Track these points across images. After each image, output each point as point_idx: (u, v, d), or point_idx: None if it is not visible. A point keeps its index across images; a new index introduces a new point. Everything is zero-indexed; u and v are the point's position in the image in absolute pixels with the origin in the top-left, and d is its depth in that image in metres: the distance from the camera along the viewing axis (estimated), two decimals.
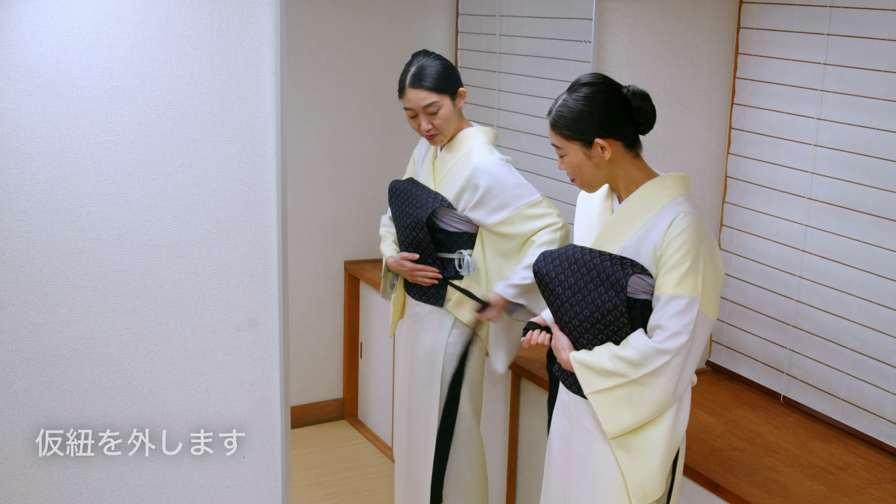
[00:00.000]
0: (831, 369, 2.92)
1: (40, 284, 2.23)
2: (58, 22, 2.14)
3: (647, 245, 2.18)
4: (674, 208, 2.17)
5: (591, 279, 2.19)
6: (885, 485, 2.60)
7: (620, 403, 2.18)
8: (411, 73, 2.79)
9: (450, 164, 2.86)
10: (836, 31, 2.84)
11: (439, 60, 2.81)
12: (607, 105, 2.18)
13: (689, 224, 2.14)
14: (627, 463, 2.21)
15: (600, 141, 2.18)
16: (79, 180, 2.22)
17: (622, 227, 2.24)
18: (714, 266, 2.17)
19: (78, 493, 2.34)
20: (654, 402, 2.15)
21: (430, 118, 2.80)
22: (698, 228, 2.15)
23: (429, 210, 2.82)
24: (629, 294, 2.16)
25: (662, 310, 2.13)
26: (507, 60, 3.69)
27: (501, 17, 3.72)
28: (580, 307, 2.22)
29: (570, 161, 2.24)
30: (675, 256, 2.13)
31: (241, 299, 2.43)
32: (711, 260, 2.16)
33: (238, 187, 2.38)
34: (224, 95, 2.32)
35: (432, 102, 2.77)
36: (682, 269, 2.12)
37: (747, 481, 2.58)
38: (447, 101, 2.79)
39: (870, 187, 2.76)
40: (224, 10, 2.28)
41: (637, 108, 2.19)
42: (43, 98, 2.16)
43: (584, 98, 2.19)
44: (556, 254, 2.29)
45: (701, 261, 2.13)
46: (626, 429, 2.18)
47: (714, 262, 2.17)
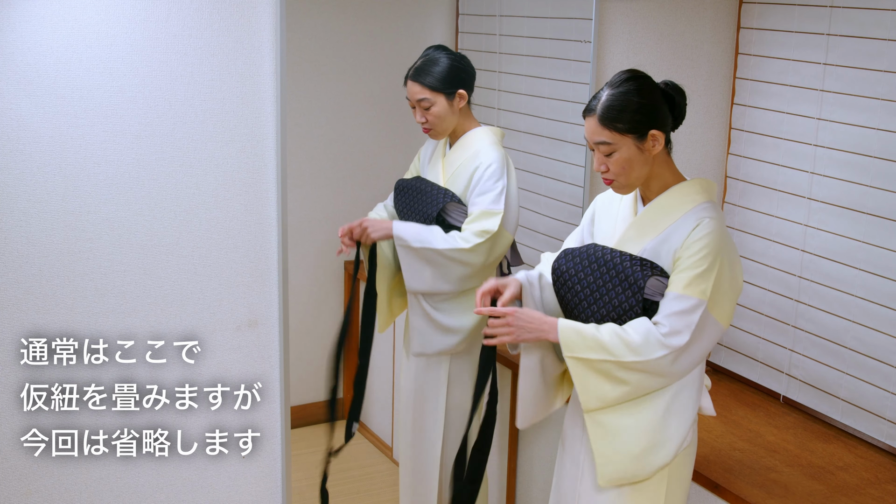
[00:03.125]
0: (831, 369, 2.92)
1: (40, 284, 2.23)
2: (58, 22, 2.14)
3: (668, 248, 2.17)
4: (698, 213, 2.17)
5: (611, 278, 2.19)
6: (885, 485, 2.60)
7: (599, 377, 2.16)
8: (414, 66, 2.82)
9: (457, 162, 2.88)
10: (836, 31, 2.84)
11: (448, 59, 2.81)
12: (655, 97, 2.18)
13: (713, 230, 2.14)
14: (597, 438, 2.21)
15: (655, 132, 2.16)
16: (79, 180, 2.22)
17: (646, 228, 2.23)
18: (732, 275, 2.17)
19: (78, 492, 2.34)
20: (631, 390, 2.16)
21: (423, 112, 2.83)
22: (720, 236, 2.14)
23: (439, 205, 2.82)
24: (646, 295, 2.15)
25: (667, 307, 2.13)
26: (507, 60, 3.68)
27: (501, 17, 3.71)
28: (597, 306, 2.21)
29: (620, 157, 2.17)
30: (693, 259, 2.12)
31: (241, 299, 2.43)
32: (730, 269, 2.16)
33: (238, 187, 2.38)
34: (224, 95, 2.32)
35: (424, 98, 2.80)
36: (695, 271, 2.12)
37: (747, 481, 2.58)
38: (441, 100, 2.80)
39: (870, 187, 2.76)
40: (224, 10, 2.28)
41: (679, 105, 2.21)
42: (43, 98, 2.16)
43: (635, 91, 2.16)
44: (577, 252, 2.28)
45: (717, 267, 2.12)
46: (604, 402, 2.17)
47: (733, 271, 2.17)
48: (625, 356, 2.13)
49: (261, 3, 2.31)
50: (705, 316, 2.13)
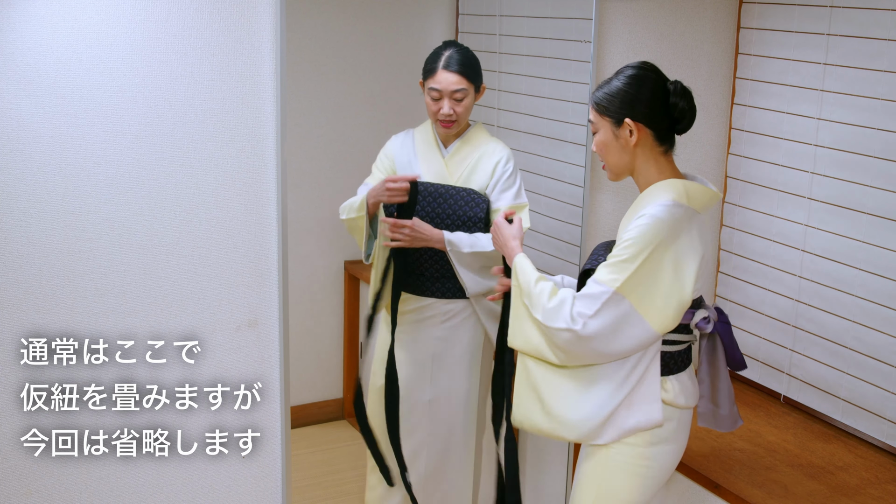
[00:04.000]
0: (831, 369, 2.92)
1: (40, 284, 2.23)
2: (58, 22, 2.14)
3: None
4: (647, 209, 2.17)
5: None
6: (885, 485, 2.60)
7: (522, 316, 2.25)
8: (447, 56, 2.84)
9: (471, 156, 2.91)
10: (836, 31, 2.84)
11: (472, 52, 2.88)
12: (646, 90, 2.20)
13: (648, 224, 2.12)
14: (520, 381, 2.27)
15: (630, 122, 2.19)
16: (79, 180, 2.22)
17: (623, 224, 2.27)
18: (676, 278, 2.14)
19: (78, 492, 2.34)
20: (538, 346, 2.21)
21: (454, 104, 2.84)
22: (657, 231, 2.12)
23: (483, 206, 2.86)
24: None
25: (584, 287, 2.17)
26: (507, 60, 3.68)
27: (501, 17, 3.71)
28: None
29: (598, 139, 2.26)
30: (617, 248, 2.15)
31: (241, 299, 2.43)
32: (674, 270, 2.14)
33: (238, 187, 2.38)
34: (224, 95, 2.32)
35: (461, 89, 2.82)
36: (614, 259, 2.14)
37: (747, 481, 2.58)
38: (471, 92, 2.86)
39: (870, 187, 2.76)
40: (224, 10, 2.28)
41: (673, 104, 2.19)
42: (43, 98, 2.16)
43: (626, 78, 2.22)
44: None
45: (641, 261, 2.11)
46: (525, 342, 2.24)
47: (678, 274, 2.14)
48: (535, 310, 2.19)
49: (261, 3, 2.31)
50: (625, 310, 2.12)
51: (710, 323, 2.31)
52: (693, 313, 2.28)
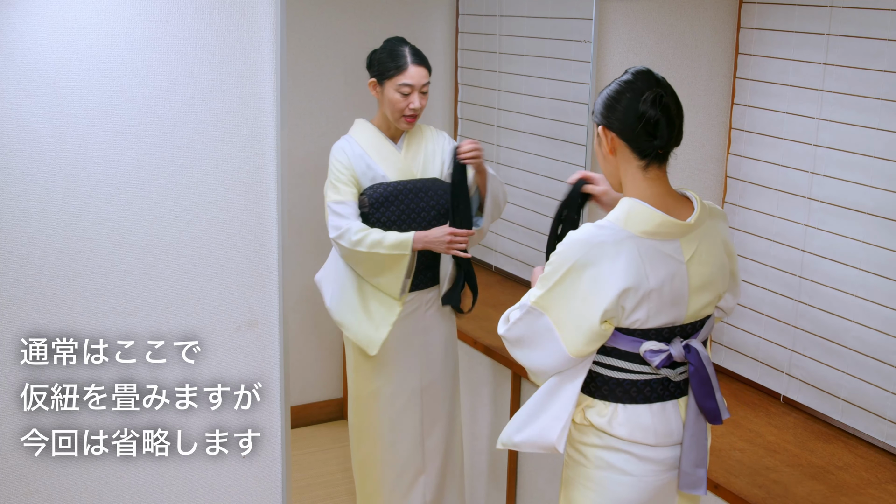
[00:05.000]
0: (831, 369, 2.92)
1: (40, 284, 2.23)
2: (58, 22, 2.14)
3: None
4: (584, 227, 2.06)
5: None
6: (885, 485, 2.60)
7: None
8: (410, 51, 2.88)
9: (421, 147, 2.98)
10: (836, 31, 2.84)
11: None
12: (624, 100, 2.02)
13: (570, 241, 2.01)
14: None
15: (602, 130, 2.06)
16: (79, 180, 2.23)
17: None
18: (584, 300, 1.99)
19: (78, 492, 2.34)
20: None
21: (421, 97, 2.88)
22: (573, 253, 1.99)
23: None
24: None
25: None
26: (507, 60, 3.68)
27: (501, 17, 3.71)
28: None
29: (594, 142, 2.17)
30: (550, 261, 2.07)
31: (241, 299, 2.43)
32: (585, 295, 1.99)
33: (238, 187, 2.38)
34: (224, 95, 2.32)
35: (428, 82, 2.89)
36: (543, 273, 2.06)
37: (747, 481, 2.58)
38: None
39: (870, 187, 2.76)
40: (224, 10, 2.28)
41: (641, 112, 1.99)
42: (43, 98, 2.16)
43: (616, 84, 2.06)
44: None
45: (559, 278, 2.00)
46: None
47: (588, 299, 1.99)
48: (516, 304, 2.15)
49: (261, 3, 2.31)
50: (544, 325, 2.04)
51: (657, 357, 2.05)
52: (641, 343, 2.06)
